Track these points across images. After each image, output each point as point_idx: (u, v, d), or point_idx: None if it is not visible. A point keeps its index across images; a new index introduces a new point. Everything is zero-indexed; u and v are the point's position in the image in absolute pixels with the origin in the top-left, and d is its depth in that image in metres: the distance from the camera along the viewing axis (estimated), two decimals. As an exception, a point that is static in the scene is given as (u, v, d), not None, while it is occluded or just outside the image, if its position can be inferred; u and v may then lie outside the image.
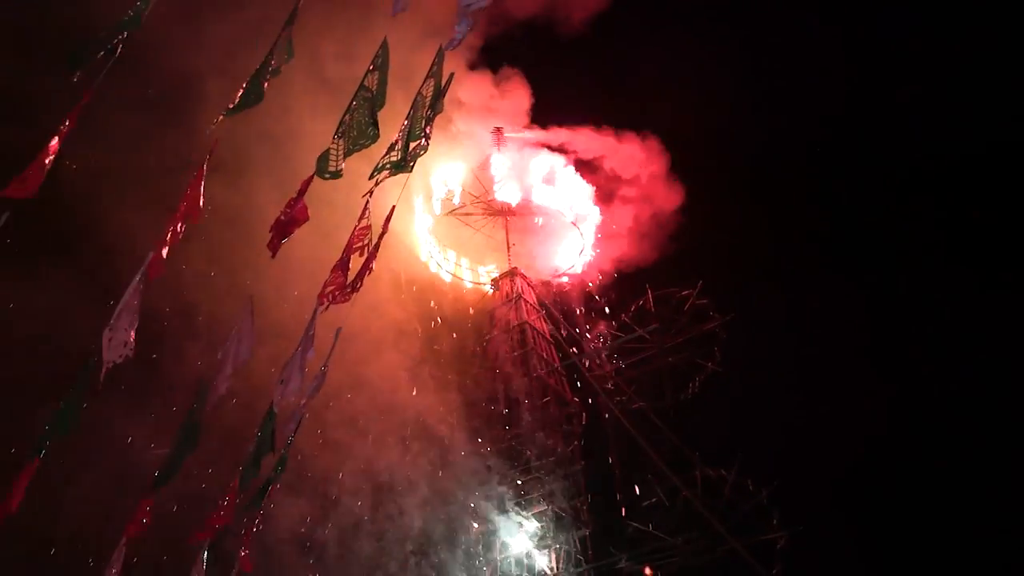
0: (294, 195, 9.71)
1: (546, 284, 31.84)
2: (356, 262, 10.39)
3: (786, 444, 28.05)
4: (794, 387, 29.08)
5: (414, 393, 25.04)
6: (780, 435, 28.21)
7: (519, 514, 25.73)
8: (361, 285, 10.28)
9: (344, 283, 10.02)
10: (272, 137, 19.81)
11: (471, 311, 30.91)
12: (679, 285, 29.41)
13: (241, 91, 8.61)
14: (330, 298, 10.10)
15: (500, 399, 28.14)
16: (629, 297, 30.68)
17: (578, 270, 32.18)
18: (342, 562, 22.85)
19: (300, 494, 21.29)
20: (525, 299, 30.20)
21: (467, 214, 31.26)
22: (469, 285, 31.63)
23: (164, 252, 8.72)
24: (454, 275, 31.50)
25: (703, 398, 27.95)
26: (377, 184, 9.58)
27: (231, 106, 9.03)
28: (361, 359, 22.84)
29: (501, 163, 30.89)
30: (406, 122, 9.52)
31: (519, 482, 26.28)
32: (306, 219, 9.88)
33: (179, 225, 8.85)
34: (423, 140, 9.22)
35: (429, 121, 9.30)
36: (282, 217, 9.71)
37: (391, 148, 9.44)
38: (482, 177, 31.00)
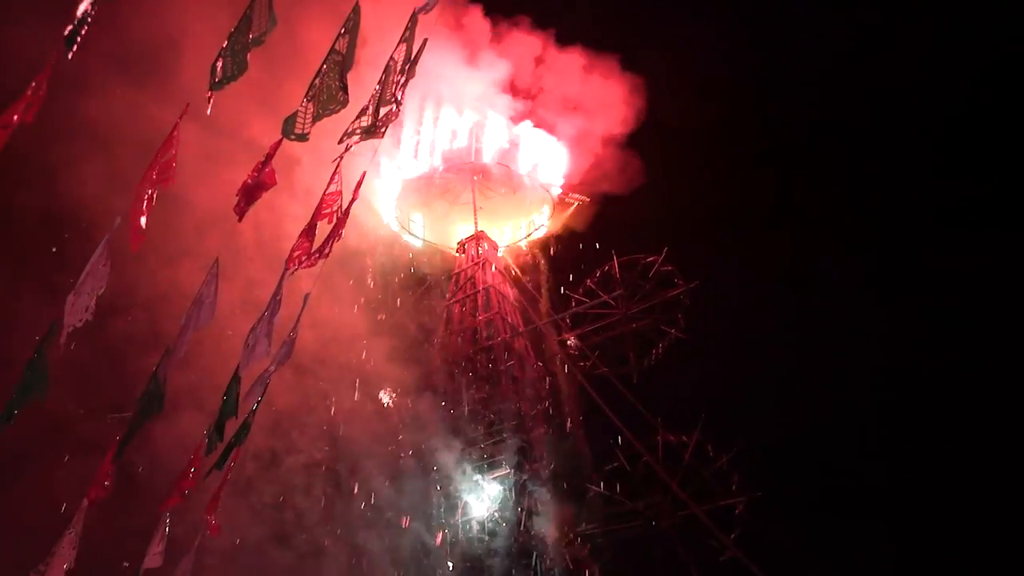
0: (262, 158, 9.62)
1: (513, 249, 31.90)
2: (324, 228, 10.34)
3: (747, 411, 28.49)
4: (756, 354, 29.43)
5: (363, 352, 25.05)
6: (741, 402, 28.63)
7: (481, 478, 25.98)
8: (330, 251, 10.23)
9: (310, 248, 9.97)
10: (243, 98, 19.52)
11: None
12: (645, 252, 29.58)
13: (221, 63, 8.42)
14: (297, 263, 10.05)
15: (464, 362, 28.28)
16: (595, 263, 30.90)
17: (543, 232, 32.25)
18: (298, 527, 22.96)
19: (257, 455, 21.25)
20: (490, 263, 30.23)
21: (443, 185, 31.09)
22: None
23: (143, 221, 8.59)
24: (419, 237, 31.43)
25: (666, 364, 28.30)
26: (348, 150, 9.50)
27: (216, 80, 8.84)
28: (323, 320, 22.74)
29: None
30: (377, 87, 9.42)
31: (481, 446, 26.48)
32: (274, 183, 9.79)
33: (153, 191, 8.72)
34: (394, 106, 9.15)
35: (401, 87, 9.21)
36: (249, 181, 9.62)
37: (362, 113, 9.35)
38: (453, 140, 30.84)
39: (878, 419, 29.87)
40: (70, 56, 7.62)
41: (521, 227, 32.39)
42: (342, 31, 9.01)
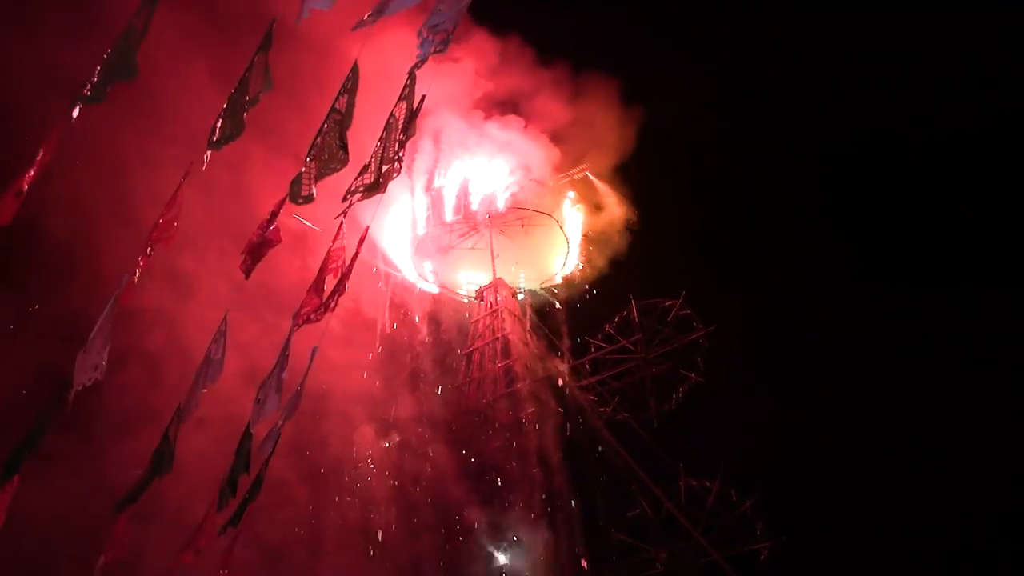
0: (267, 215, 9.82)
1: (530, 295, 32.02)
2: (331, 281, 10.50)
3: (770, 455, 28.18)
4: (778, 397, 29.20)
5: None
6: (764, 446, 28.34)
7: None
8: (335, 305, 10.37)
9: (318, 304, 10.12)
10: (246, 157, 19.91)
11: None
12: (662, 296, 29.62)
13: (220, 124, 8.66)
14: (304, 319, 10.19)
15: (482, 415, 28.25)
16: (613, 307, 30.93)
17: (560, 278, 32.34)
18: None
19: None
20: (508, 311, 30.27)
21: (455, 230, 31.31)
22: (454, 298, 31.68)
23: (136, 278, 8.78)
24: (437, 284, 31.62)
25: (687, 409, 28.14)
26: (350, 206, 9.66)
27: (214, 139, 9.09)
28: (337, 368, 22.97)
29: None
30: (379, 144, 9.59)
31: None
32: (279, 241, 10.01)
33: (149, 249, 8.93)
34: (396, 163, 9.30)
35: (402, 144, 9.37)
36: (255, 239, 9.82)
37: (364, 170, 9.51)
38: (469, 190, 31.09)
39: (905, 461, 29.42)
40: (74, 116, 7.90)
41: (539, 273, 32.38)
42: (341, 90, 9.22)
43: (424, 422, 26.80)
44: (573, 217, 31.94)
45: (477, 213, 30.78)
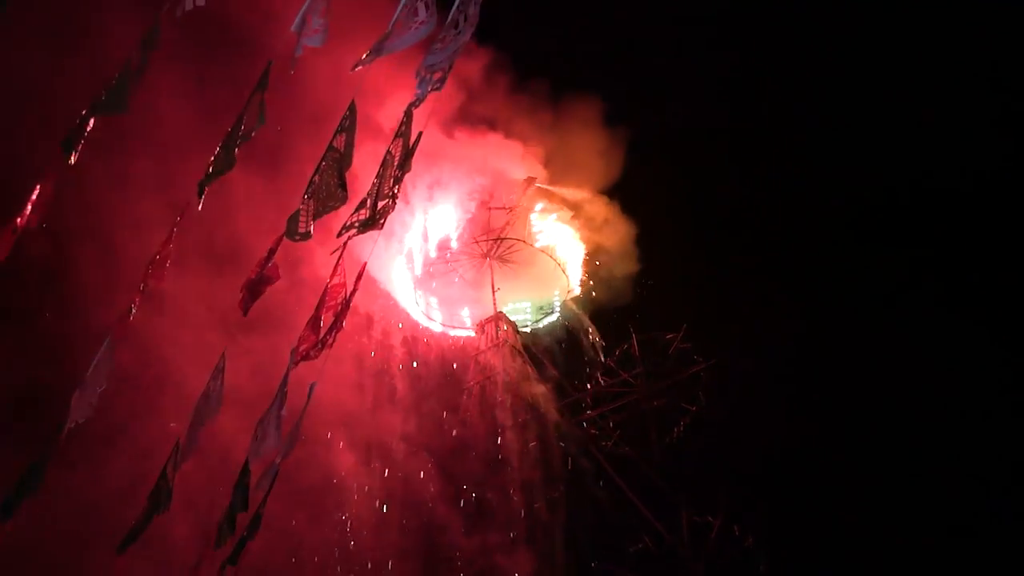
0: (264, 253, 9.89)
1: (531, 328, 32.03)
2: (329, 317, 10.54)
3: (774, 488, 28.03)
4: (780, 431, 29.09)
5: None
6: (767, 480, 28.21)
7: None
8: (333, 342, 10.41)
9: (316, 341, 10.15)
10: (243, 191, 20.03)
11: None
12: (662, 329, 29.64)
13: (213, 159, 8.76)
14: (303, 355, 10.21)
15: (483, 447, 28.17)
16: (613, 340, 30.93)
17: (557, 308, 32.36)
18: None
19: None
20: (511, 344, 30.25)
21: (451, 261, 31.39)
22: (450, 332, 31.68)
23: (131, 316, 8.84)
24: (430, 318, 31.64)
25: (688, 442, 28.02)
26: (346, 244, 9.73)
27: (207, 173, 9.17)
28: (336, 407, 23.04)
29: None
30: (376, 180, 9.67)
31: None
32: (278, 278, 10.07)
33: (142, 286, 8.99)
34: (392, 200, 9.38)
35: (398, 181, 9.45)
36: (253, 276, 9.88)
37: (360, 206, 9.58)
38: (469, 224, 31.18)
39: (913, 494, 29.24)
40: (72, 160, 7.99)
41: (539, 306, 32.41)
42: (339, 128, 9.33)
43: (425, 456, 26.73)
44: (569, 245, 32.01)
45: (474, 246, 30.91)
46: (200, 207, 9.28)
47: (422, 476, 26.57)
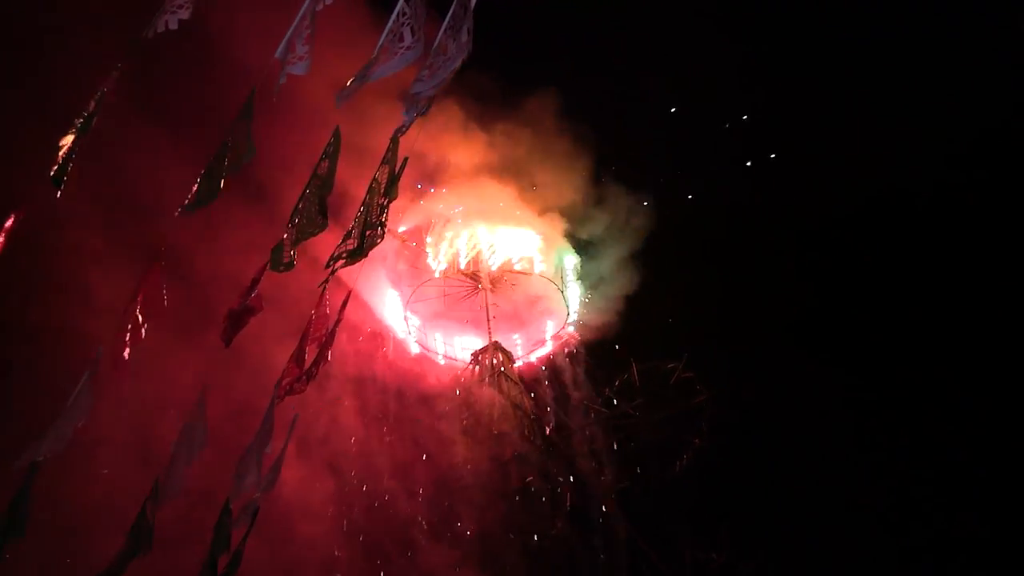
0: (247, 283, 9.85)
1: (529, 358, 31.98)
2: (313, 349, 10.51)
3: (778, 522, 27.89)
4: (781, 462, 29.00)
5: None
6: (771, 513, 28.07)
7: None
8: (317, 374, 10.36)
9: (300, 374, 10.10)
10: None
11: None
12: (664, 358, 29.56)
13: (195, 188, 8.72)
14: (287, 390, 10.16)
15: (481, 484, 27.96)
16: (613, 370, 30.82)
17: (562, 335, 32.29)
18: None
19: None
20: (506, 375, 30.15)
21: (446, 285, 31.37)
22: (442, 361, 31.58)
23: (126, 354, 8.79)
24: (423, 347, 31.56)
25: (690, 476, 27.90)
26: (332, 274, 9.70)
27: (187, 203, 9.11)
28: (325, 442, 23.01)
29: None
30: (361, 209, 9.66)
31: None
32: (261, 309, 10.01)
33: (134, 317, 8.94)
34: (379, 228, 9.37)
35: (384, 208, 9.45)
36: (236, 307, 9.83)
37: (347, 236, 9.57)
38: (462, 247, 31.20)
39: (920, 529, 29.14)
40: (59, 195, 7.97)
41: (534, 335, 32.36)
42: (323, 155, 9.32)
43: (419, 493, 26.61)
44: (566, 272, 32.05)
45: (472, 270, 30.93)
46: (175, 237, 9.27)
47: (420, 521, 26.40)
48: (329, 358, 10.25)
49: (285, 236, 9.20)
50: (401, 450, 26.84)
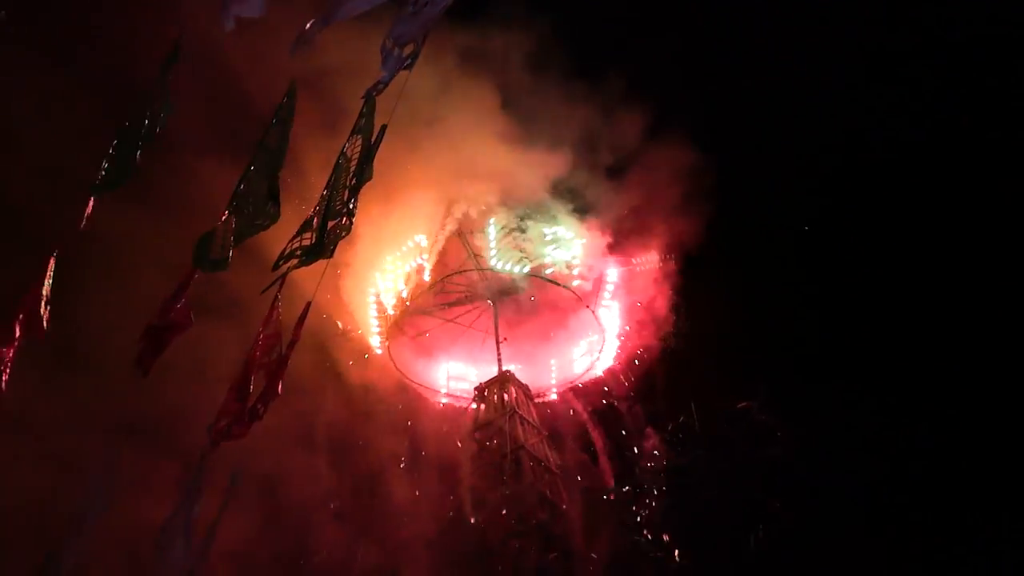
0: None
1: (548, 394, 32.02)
2: (260, 380, 10.39)
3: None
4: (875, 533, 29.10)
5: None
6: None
7: None
8: (264, 412, 10.20)
9: (242, 411, 9.94)
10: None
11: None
12: (732, 395, 29.60)
13: (105, 165, 8.70)
14: (224, 433, 10.02)
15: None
16: (665, 409, 30.88)
17: (597, 371, 32.31)
18: None
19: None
20: (521, 415, 30.08)
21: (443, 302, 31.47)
22: (444, 400, 31.70)
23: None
24: (418, 384, 31.65)
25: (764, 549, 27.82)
26: (282, 277, 9.59)
27: (96, 183, 9.09)
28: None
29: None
30: (325, 192, 9.55)
31: None
32: (189, 324, 9.84)
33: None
34: (344, 219, 9.24)
35: (354, 192, 9.32)
36: (155, 322, 9.67)
37: (304, 228, 9.46)
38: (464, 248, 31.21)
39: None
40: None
41: (562, 363, 32.42)
42: (274, 120, 9.24)
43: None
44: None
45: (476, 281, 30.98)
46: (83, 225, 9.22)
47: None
48: (280, 391, 10.09)
49: (218, 225, 9.08)
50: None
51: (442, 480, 29.59)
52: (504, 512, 28.47)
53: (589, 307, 31.43)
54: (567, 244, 31.23)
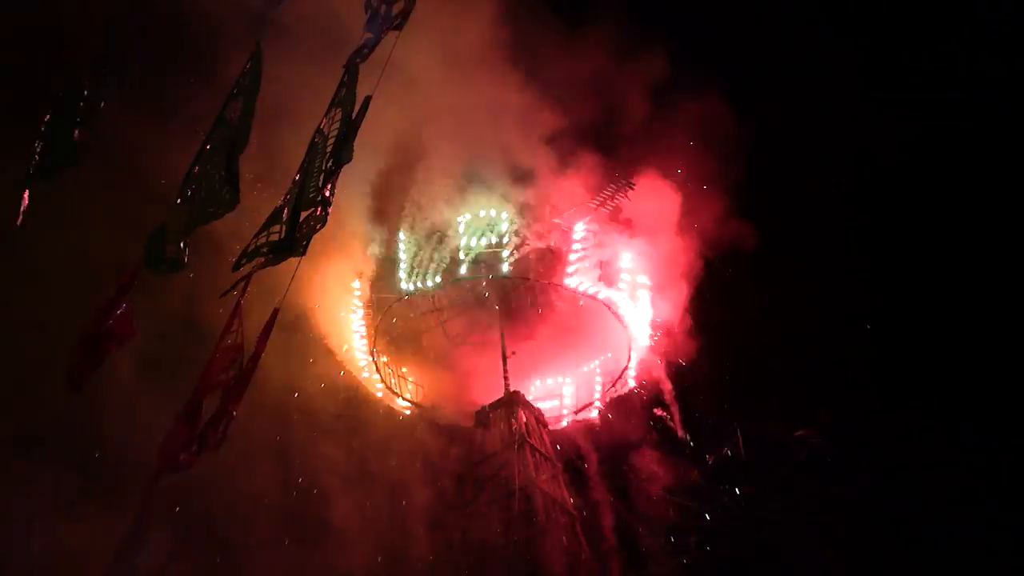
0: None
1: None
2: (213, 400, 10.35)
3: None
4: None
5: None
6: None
7: None
8: (223, 439, 10.16)
9: (192, 439, 9.89)
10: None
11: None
12: (784, 420, 29.66)
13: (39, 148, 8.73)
14: (168, 465, 9.97)
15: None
16: (705, 434, 30.98)
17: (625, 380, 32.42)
18: None
19: None
20: (531, 443, 30.07)
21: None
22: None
23: None
24: (412, 403, 31.69)
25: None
26: (246, 279, 9.55)
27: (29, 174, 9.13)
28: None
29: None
30: (297, 178, 9.56)
31: None
32: (133, 334, 9.81)
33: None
34: (319, 209, 9.23)
35: (331, 176, 9.31)
36: (91, 330, 9.64)
37: (272, 220, 9.44)
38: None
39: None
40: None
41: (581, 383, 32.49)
42: (234, 90, 9.22)
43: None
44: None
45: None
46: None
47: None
48: (236, 414, 10.05)
49: (171, 216, 9.07)
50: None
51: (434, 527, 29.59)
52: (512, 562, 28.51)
53: (612, 308, 31.53)
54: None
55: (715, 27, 41.05)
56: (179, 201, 9.17)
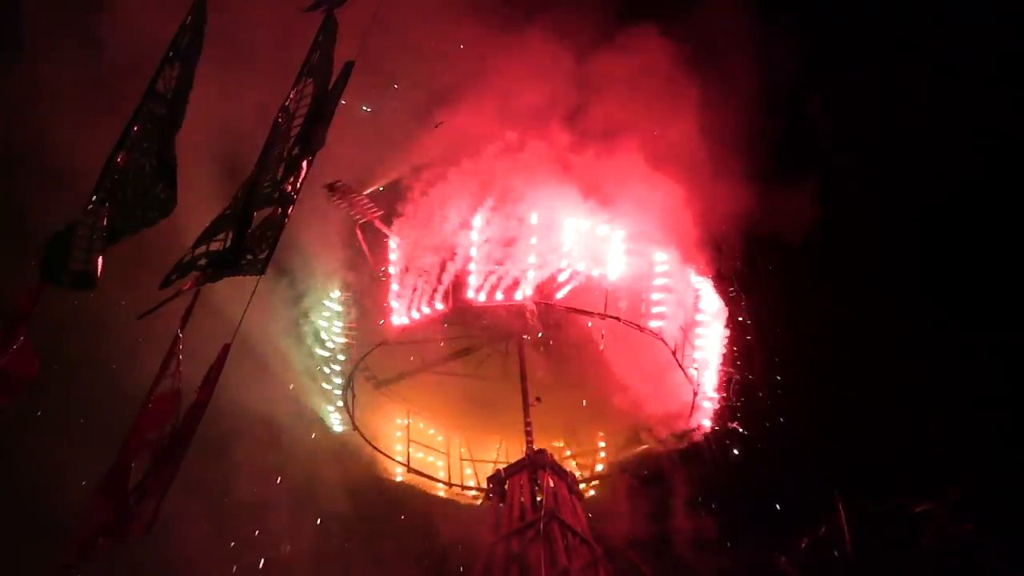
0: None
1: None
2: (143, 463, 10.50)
3: None
4: None
5: None
6: None
7: None
8: (154, 516, 10.29)
9: (114, 519, 10.02)
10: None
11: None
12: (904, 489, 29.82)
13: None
14: (83, 548, 10.12)
15: None
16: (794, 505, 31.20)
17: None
18: None
19: None
20: (561, 520, 30.17)
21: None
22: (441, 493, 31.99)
23: None
24: (409, 468, 31.93)
25: None
26: (172, 298, 9.67)
27: None
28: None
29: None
30: (255, 169, 9.62)
31: None
32: (31, 373, 9.95)
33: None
34: (279, 208, 9.28)
35: (293, 166, 9.35)
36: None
37: (216, 228, 9.51)
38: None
39: None
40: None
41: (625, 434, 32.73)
42: (168, 54, 9.31)
43: None
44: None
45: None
46: None
47: None
48: (170, 481, 10.17)
49: (83, 219, 9.13)
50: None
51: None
52: None
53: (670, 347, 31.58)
54: None
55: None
56: (95, 200, 9.15)
